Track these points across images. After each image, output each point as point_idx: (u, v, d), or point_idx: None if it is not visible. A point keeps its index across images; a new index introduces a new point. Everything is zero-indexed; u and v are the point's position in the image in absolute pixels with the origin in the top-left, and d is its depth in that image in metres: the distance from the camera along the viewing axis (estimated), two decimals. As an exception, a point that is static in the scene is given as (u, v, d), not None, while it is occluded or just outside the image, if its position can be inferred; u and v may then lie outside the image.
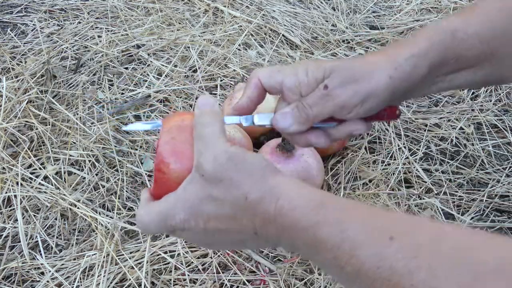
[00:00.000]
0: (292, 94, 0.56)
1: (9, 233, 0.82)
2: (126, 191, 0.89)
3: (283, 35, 1.26)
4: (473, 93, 1.13)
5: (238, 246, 0.65)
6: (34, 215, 0.84)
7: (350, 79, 0.54)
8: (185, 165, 0.48)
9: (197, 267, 0.78)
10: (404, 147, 0.99)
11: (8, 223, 0.83)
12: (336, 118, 0.56)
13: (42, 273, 0.78)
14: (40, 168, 0.90)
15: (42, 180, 0.89)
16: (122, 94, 1.08)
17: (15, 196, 0.85)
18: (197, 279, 0.77)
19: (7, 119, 0.95)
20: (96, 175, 0.91)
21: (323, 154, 0.93)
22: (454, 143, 1.01)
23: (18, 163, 0.89)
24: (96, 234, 0.81)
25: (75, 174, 0.91)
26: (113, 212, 0.85)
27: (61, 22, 1.27)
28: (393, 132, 1.01)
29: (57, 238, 0.83)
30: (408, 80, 0.55)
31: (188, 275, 0.77)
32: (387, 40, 1.27)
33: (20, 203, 0.85)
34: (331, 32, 1.29)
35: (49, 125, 0.97)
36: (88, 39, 1.21)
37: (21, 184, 0.87)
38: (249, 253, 0.80)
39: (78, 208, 0.85)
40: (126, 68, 1.14)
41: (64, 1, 1.34)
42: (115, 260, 0.77)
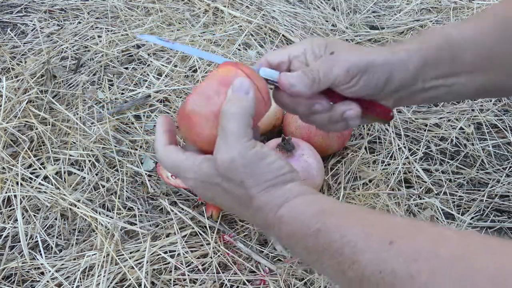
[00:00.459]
0: (299, 62, 0.58)
1: (9, 233, 0.82)
2: (126, 191, 0.89)
3: (283, 35, 1.26)
4: (473, 93, 1.13)
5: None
6: (34, 215, 0.84)
7: (353, 49, 0.57)
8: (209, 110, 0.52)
9: (197, 267, 0.78)
10: (404, 147, 0.99)
11: (8, 223, 0.83)
12: (334, 95, 0.57)
13: (42, 273, 0.78)
14: (40, 168, 0.90)
15: (42, 180, 0.89)
16: (122, 94, 1.08)
17: (15, 196, 0.85)
18: (197, 279, 0.77)
19: (7, 119, 0.95)
20: (96, 175, 0.91)
21: (323, 154, 0.93)
22: (454, 143, 1.01)
23: (18, 163, 0.89)
24: (96, 234, 0.81)
25: (75, 174, 0.91)
26: (113, 212, 0.85)
27: (61, 22, 1.27)
28: (393, 132, 1.01)
29: (57, 238, 0.83)
30: (403, 68, 0.57)
31: (188, 275, 0.77)
32: (387, 40, 1.27)
33: (20, 203, 0.85)
34: (331, 32, 1.29)
35: (49, 125, 0.97)
36: (88, 39, 1.21)
37: (21, 184, 0.87)
38: (249, 253, 0.80)
39: (78, 208, 0.85)
40: (126, 68, 1.14)
41: (64, 1, 1.34)
42: (115, 260, 0.77)
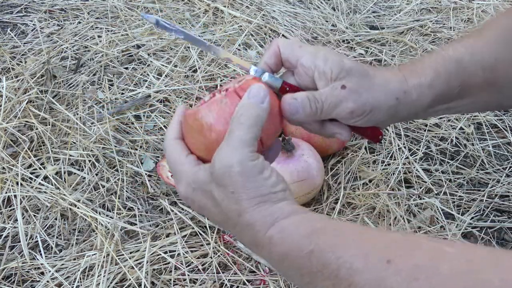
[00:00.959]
0: (305, 74, 0.55)
1: (9, 233, 0.82)
2: (126, 191, 0.89)
3: (283, 35, 1.26)
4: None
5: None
6: (34, 215, 0.84)
7: (366, 87, 0.54)
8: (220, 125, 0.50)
9: (197, 267, 0.78)
10: (404, 147, 0.99)
11: (8, 223, 0.83)
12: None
13: (42, 273, 0.78)
14: (40, 168, 0.90)
15: (42, 180, 0.89)
16: (122, 94, 1.08)
17: (15, 196, 0.85)
18: (197, 279, 0.77)
19: (7, 119, 0.95)
20: (96, 175, 0.91)
21: (323, 154, 0.93)
22: (454, 143, 1.01)
23: (18, 163, 0.89)
24: (96, 234, 0.81)
25: (75, 174, 0.91)
26: (113, 212, 0.85)
27: (61, 22, 1.27)
28: (393, 132, 1.01)
29: (57, 238, 0.83)
30: (412, 106, 0.56)
31: (188, 275, 0.77)
32: (387, 40, 1.27)
33: (20, 203, 0.85)
34: (331, 32, 1.29)
35: (49, 125, 0.97)
36: (88, 39, 1.21)
37: (21, 184, 0.87)
38: (249, 253, 0.80)
39: (78, 208, 0.85)
40: (126, 68, 1.14)
41: (64, 1, 1.34)
42: (115, 260, 0.77)
